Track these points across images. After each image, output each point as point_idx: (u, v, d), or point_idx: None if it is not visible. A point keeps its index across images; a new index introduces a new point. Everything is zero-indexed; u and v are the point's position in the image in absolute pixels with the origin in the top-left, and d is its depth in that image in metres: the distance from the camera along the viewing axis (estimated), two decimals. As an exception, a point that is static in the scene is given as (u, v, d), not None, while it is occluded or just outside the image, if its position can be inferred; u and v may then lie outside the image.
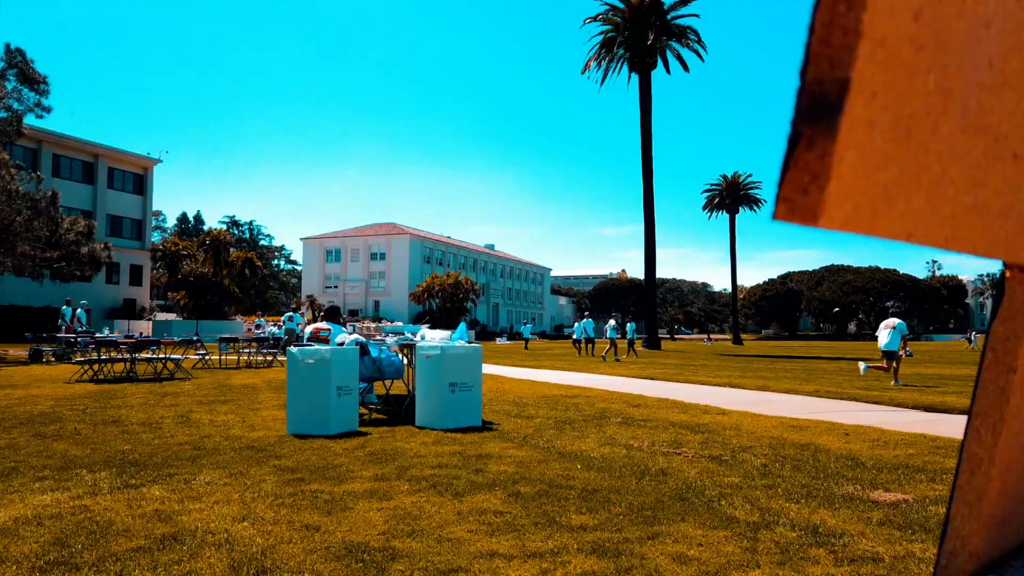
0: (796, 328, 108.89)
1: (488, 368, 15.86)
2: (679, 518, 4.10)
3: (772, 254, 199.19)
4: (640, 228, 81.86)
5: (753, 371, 17.72)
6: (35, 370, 15.61)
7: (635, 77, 41.87)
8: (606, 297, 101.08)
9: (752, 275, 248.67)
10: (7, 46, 22.71)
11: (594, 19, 42.31)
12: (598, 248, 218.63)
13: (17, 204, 20.04)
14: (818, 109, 0.43)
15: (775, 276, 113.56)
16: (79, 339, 18.23)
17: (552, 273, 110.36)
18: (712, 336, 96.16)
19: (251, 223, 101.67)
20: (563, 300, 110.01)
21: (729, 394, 11.53)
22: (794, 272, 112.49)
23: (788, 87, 0.45)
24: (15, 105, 23.27)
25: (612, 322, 27.46)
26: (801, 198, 0.44)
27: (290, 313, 24.52)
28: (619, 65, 42.07)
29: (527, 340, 40.40)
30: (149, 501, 4.41)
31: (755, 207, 70.50)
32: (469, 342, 8.17)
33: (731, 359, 27.40)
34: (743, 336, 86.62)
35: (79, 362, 14.15)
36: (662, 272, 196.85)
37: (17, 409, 8.71)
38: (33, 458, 5.70)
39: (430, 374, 7.43)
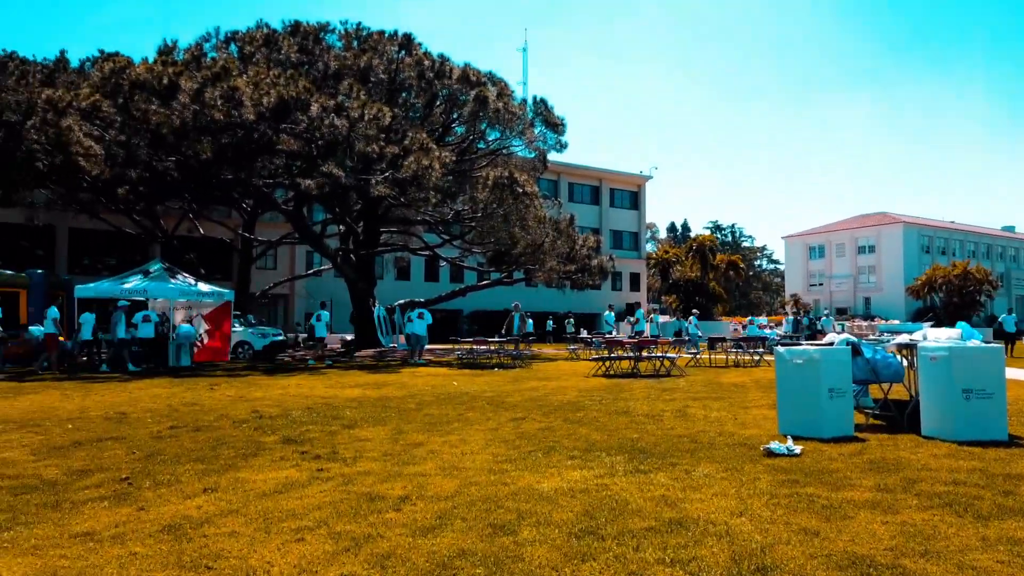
0: None
1: (1013, 373, 13.23)
2: None
3: None
4: None
5: None
6: (563, 365, 18.60)
7: None
8: None
9: None
10: (535, 98, 27.89)
11: None
12: None
13: (545, 228, 24.30)
14: None
15: None
16: (594, 339, 21.26)
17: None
18: None
19: (732, 226, 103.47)
20: None
21: None
22: None
23: None
24: (541, 145, 28.37)
25: None
26: None
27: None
28: None
29: None
30: (656, 486, 4.92)
31: None
32: (986, 341, 6.97)
33: None
34: None
35: (595, 359, 16.44)
36: None
37: (552, 398, 10.54)
38: (565, 439, 6.86)
39: (937, 378, 6.58)
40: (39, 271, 19.89)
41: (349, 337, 27.97)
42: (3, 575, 3.29)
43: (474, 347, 20.84)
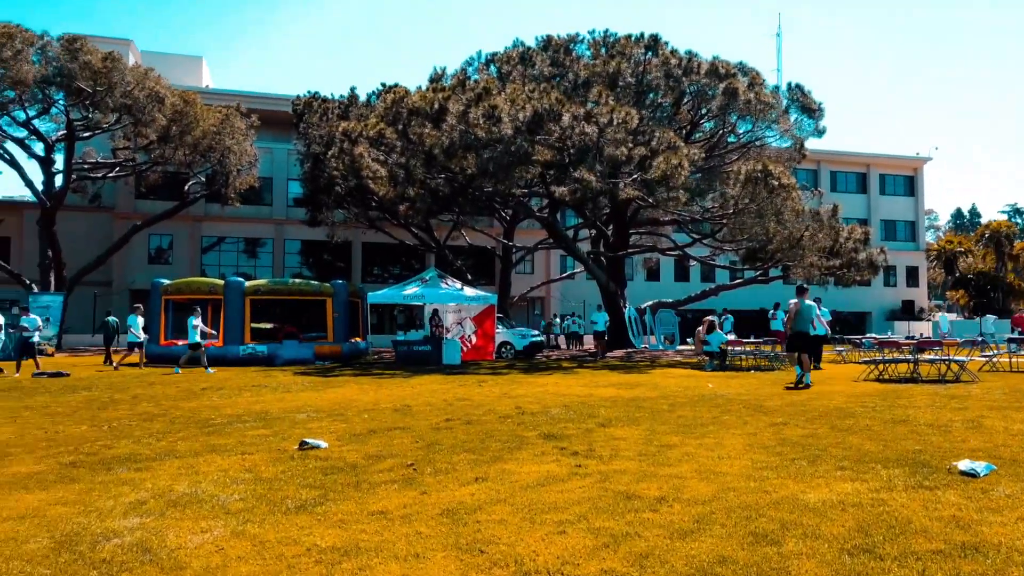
0: None
1: None
2: None
3: None
4: None
5: None
6: (827, 368, 17.22)
7: None
8: None
9: None
10: (789, 84, 26.20)
11: None
12: None
13: (804, 221, 22.67)
14: None
15: None
16: (863, 340, 19.35)
17: None
18: None
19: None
20: None
21: None
22: None
23: None
24: (797, 133, 26.57)
25: None
26: None
27: None
28: None
29: None
30: (944, 505, 4.41)
31: None
32: None
33: None
34: None
35: (864, 362, 14.98)
36: None
37: (816, 403, 9.84)
38: (832, 448, 6.39)
39: None
40: (340, 281, 23.02)
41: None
42: (317, 542, 3.92)
43: (729, 348, 20.07)
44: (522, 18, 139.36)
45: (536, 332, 24.98)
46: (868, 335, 27.83)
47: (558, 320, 35.01)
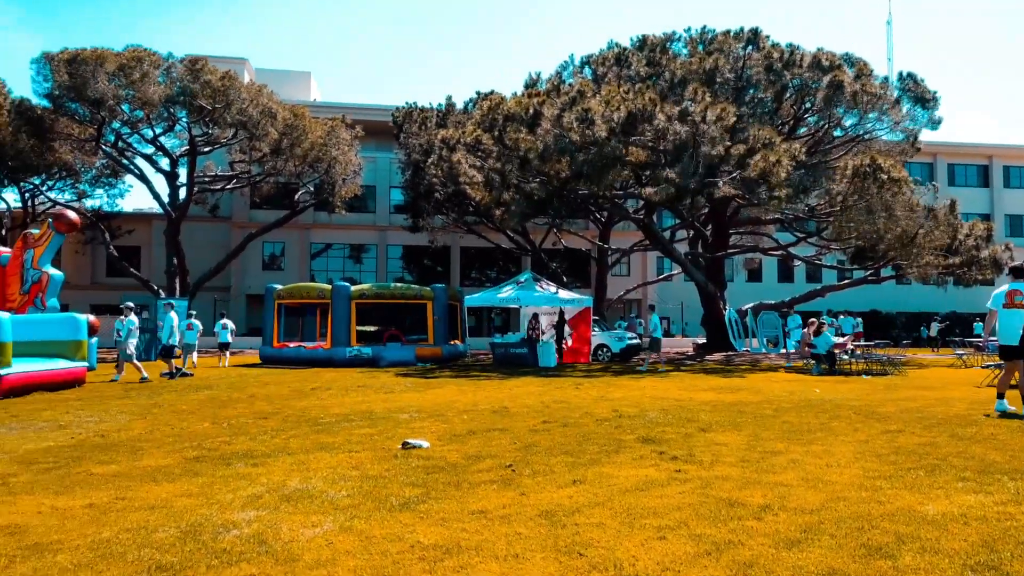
0: None
1: None
2: None
3: None
4: None
5: None
6: (945, 373, 16.18)
7: None
8: None
9: None
10: (900, 74, 24.79)
11: None
12: None
13: (917, 217, 21.36)
14: None
15: None
16: (988, 343, 17.99)
17: None
18: None
19: None
20: None
21: None
22: None
23: None
24: (909, 125, 25.09)
25: None
26: None
27: None
28: None
29: None
30: (1082, 523, 4.08)
31: None
32: None
33: None
34: None
35: (988, 366, 14.06)
36: None
37: (933, 410, 9.27)
38: (953, 458, 6.01)
39: None
40: (440, 285, 23.57)
41: (701, 340, 27.90)
42: (420, 539, 4.04)
43: (848, 349, 19.17)
44: (617, 21, 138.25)
45: (632, 335, 24.71)
46: (991, 337, 25.92)
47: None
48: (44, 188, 33.12)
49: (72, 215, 17.75)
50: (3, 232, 32.13)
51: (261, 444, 7.17)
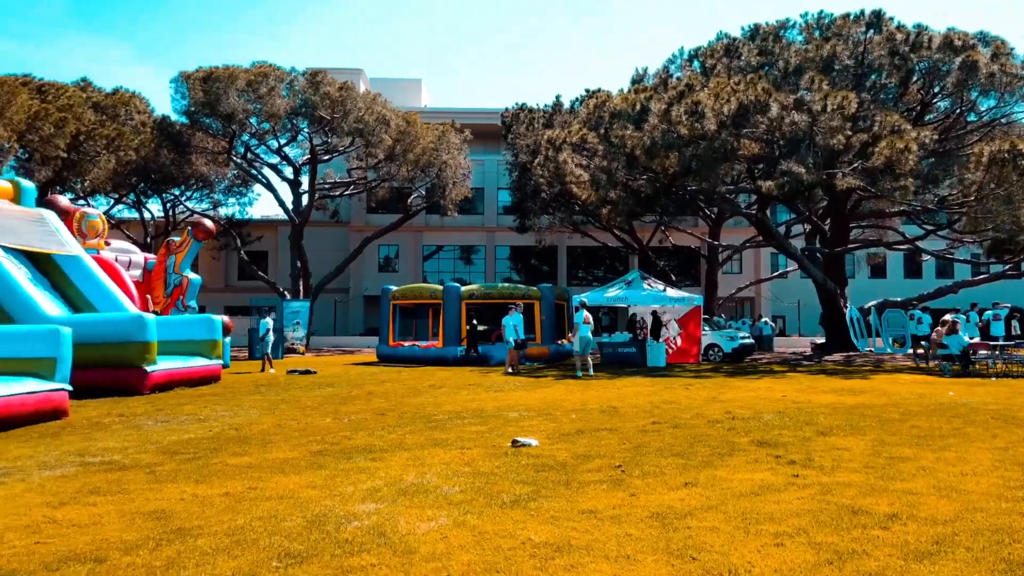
0: None
1: None
2: None
3: None
4: None
5: None
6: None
7: None
8: None
9: None
10: None
11: None
12: None
13: None
14: None
15: None
16: None
17: None
18: None
19: None
20: None
21: None
22: None
23: None
24: None
25: None
26: None
27: None
28: None
29: None
30: None
31: None
32: None
33: None
34: None
35: None
36: None
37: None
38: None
39: None
40: (547, 285, 23.72)
41: (820, 340, 26.66)
42: (531, 536, 4.12)
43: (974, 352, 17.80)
44: (727, 13, 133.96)
45: (746, 334, 23.86)
46: None
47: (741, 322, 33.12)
48: (183, 198, 35.89)
49: (209, 223, 19.30)
50: (148, 240, 35.06)
51: (379, 439, 7.49)
